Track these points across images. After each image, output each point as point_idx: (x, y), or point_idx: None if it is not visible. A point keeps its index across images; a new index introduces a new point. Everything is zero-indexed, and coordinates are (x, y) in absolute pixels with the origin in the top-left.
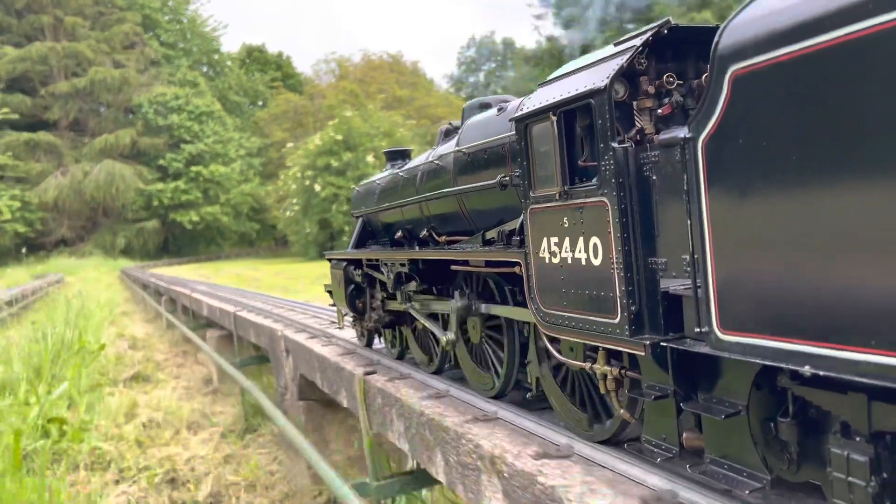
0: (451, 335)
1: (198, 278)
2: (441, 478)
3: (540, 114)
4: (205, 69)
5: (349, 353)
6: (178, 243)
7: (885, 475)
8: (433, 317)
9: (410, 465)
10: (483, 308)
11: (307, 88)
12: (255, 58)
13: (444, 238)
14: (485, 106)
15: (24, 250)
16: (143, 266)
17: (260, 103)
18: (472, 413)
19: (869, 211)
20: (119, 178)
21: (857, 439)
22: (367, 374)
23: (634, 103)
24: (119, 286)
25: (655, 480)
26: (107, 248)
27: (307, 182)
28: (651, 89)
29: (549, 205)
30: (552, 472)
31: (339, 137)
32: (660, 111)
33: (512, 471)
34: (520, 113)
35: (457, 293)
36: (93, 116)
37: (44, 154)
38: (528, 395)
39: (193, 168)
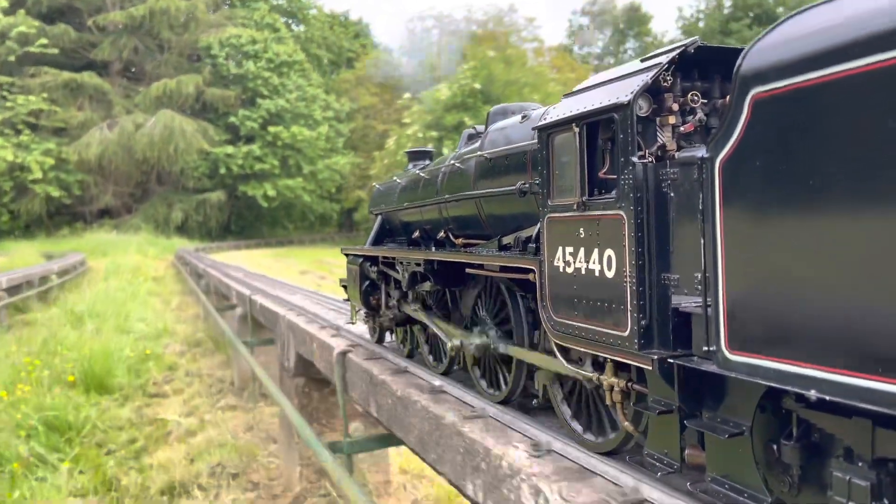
0: (456, 342)
1: (300, 278)
2: None
3: (563, 124)
4: (284, 20)
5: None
6: (242, 222)
7: (886, 501)
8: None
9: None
10: (502, 348)
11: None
12: (336, 23)
13: (460, 241)
14: (510, 112)
15: (51, 219)
16: (203, 248)
17: (333, 76)
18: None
19: (882, 240)
20: (179, 134)
21: (860, 464)
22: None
23: (658, 119)
24: (172, 284)
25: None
26: (159, 222)
27: (431, 145)
28: (675, 106)
29: (566, 214)
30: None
31: (477, 86)
32: (682, 128)
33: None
34: (543, 122)
35: (476, 330)
36: (150, 60)
37: (88, 101)
38: (535, 402)
39: (272, 129)
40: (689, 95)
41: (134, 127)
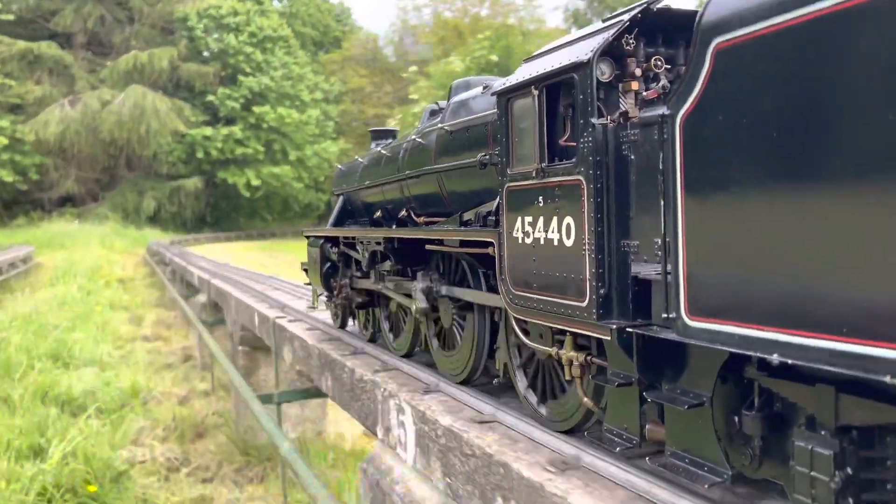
0: (420, 304)
1: None
2: None
3: (522, 87)
4: None
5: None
6: (218, 213)
7: (849, 470)
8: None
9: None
10: (444, 290)
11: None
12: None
13: (422, 219)
14: (473, 86)
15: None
16: (179, 241)
17: (317, 56)
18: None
19: (849, 196)
20: (151, 113)
21: (823, 433)
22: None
23: (620, 85)
24: (144, 290)
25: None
26: (128, 211)
27: None
28: (638, 71)
29: (525, 183)
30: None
31: (494, 58)
32: (645, 94)
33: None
34: (502, 87)
35: (420, 274)
36: (118, 31)
37: (47, 75)
38: (495, 380)
39: (256, 109)
40: (652, 61)
41: (100, 104)
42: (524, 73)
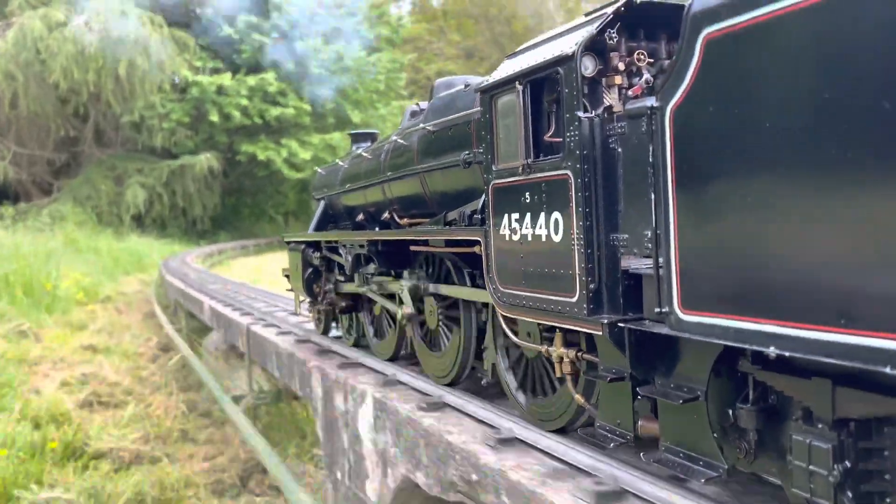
0: (407, 309)
1: None
2: None
3: (506, 83)
4: None
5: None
6: (223, 210)
7: (847, 463)
8: (390, 298)
9: None
10: (432, 288)
11: None
12: None
13: (405, 221)
14: (453, 86)
15: None
16: (206, 255)
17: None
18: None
19: (844, 184)
20: (133, 42)
21: (820, 426)
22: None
23: (604, 79)
24: None
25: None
26: (100, 209)
27: None
28: (621, 66)
29: (511, 180)
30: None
31: None
32: (630, 92)
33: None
34: (485, 83)
35: (406, 272)
36: None
37: None
38: (484, 381)
39: (300, 44)
40: (635, 55)
41: (45, 29)
42: (507, 69)
